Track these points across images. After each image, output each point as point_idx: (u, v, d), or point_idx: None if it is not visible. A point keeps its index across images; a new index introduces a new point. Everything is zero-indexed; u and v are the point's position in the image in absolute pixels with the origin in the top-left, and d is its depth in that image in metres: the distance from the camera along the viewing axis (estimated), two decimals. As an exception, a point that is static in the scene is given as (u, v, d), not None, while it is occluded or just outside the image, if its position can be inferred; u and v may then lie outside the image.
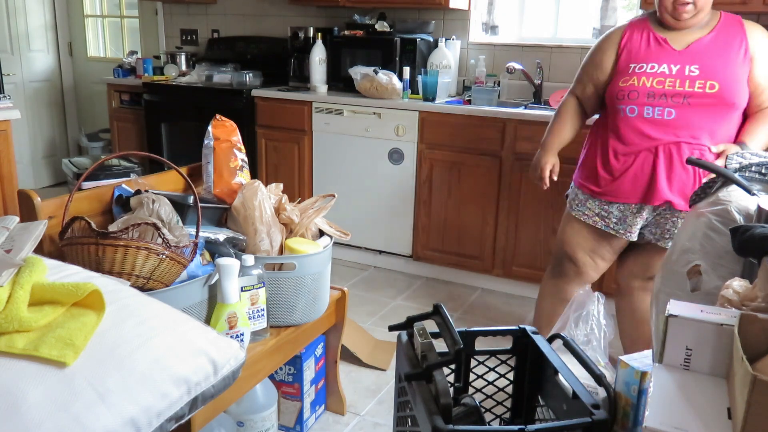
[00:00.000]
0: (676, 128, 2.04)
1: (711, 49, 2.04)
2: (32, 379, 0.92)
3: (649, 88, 2.05)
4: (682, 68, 2.03)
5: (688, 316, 1.04)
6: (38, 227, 1.28)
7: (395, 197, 3.46)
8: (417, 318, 1.41)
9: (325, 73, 3.74)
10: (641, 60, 2.09)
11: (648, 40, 2.11)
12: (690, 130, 2.04)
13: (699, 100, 2.02)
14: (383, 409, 2.28)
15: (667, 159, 2.07)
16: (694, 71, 2.02)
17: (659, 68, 2.05)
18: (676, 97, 2.03)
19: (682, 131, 2.04)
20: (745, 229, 1.24)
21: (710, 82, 2.01)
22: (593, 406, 1.16)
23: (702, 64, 2.02)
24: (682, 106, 2.03)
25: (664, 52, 2.07)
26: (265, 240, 1.83)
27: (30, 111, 5.11)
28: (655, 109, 2.05)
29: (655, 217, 2.17)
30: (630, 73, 2.08)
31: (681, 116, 2.03)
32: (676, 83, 2.03)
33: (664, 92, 2.04)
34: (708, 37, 2.06)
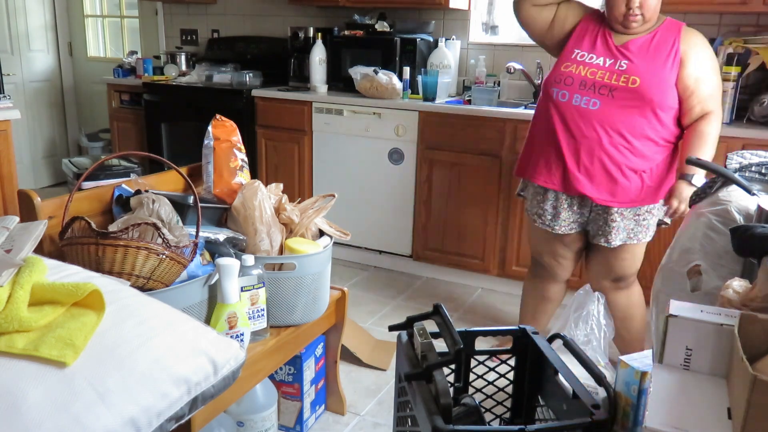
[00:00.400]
0: (599, 119, 2.10)
1: (644, 47, 2.10)
2: (32, 379, 0.92)
3: (582, 77, 2.12)
4: (614, 62, 2.11)
5: (688, 316, 1.04)
6: (38, 227, 1.28)
7: (395, 197, 3.46)
8: (417, 318, 1.41)
9: (325, 73, 3.74)
10: (582, 48, 2.16)
11: (596, 33, 2.17)
12: (610, 122, 2.09)
13: (622, 94, 2.07)
14: (383, 409, 2.28)
15: (587, 153, 2.12)
16: (623, 66, 2.09)
17: (596, 59, 2.13)
18: (603, 88, 2.09)
19: (603, 123, 2.09)
20: (745, 229, 1.24)
21: (633, 77, 2.06)
22: (593, 406, 1.16)
23: (632, 61, 2.09)
24: (606, 98, 2.08)
25: (604, 46, 2.14)
26: (265, 240, 1.83)
27: (30, 111, 5.11)
28: (582, 98, 2.11)
29: (592, 215, 2.24)
30: (571, 60, 2.15)
31: (604, 108, 2.09)
32: (605, 76, 2.09)
33: (594, 82, 2.10)
34: (645, 37, 2.12)
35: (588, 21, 2.21)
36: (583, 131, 2.12)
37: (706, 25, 3.11)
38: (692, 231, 1.65)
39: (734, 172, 1.71)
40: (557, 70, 2.18)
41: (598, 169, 2.13)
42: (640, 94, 2.06)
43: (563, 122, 2.15)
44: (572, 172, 2.15)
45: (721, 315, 1.04)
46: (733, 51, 2.79)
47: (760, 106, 2.81)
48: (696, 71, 2.08)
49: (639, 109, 2.08)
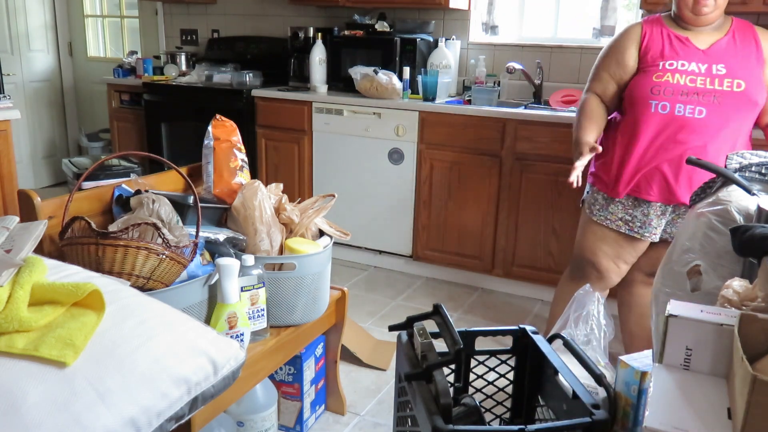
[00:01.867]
0: (704, 127, 2.05)
1: (731, 50, 2.08)
2: (32, 379, 0.92)
3: (682, 86, 2.06)
4: (709, 67, 2.06)
5: (688, 316, 1.04)
6: (38, 227, 1.28)
7: (395, 197, 3.46)
8: (417, 318, 1.41)
9: (325, 73, 3.74)
10: (669, 57, 2.09)
11: (670, 38, 2.12)
12: (717, 129, 2.06)
13: (727, 99, 2.04)
14: (383, 409, 2.28)
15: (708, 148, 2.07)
16: (721, 70, 2.05)
17: (689, 66, 2.07)
18: (707, 95, 2.05)
19: (710, 130, 2.06)
20: (745, 229, 1.24)
21: (737, 81, 2.04)
22: (593, 406, 1.16)
23: (727, 64, 2.06)
24: (712, 105, 2.05)
25: (689, 51, 2.09)
26: (265, 240, 1.83)
27: (30, 111, 5.11)
28: (686, 107, 2.06)
29: (674, 217, 2.20)
30: (662, 69, 2.08)
31: (711, 115, 2.05)
32: (706, 81, 2.05)
33: (696, 90, 2.05)
34: (725, 39, 2.10)
35: (648, 35, 2.14)
36: (687, 141, 2.07)
37: (706, 25, 3.11)
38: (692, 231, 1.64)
39: (734, 172, 1.71)
40: (647, 80, 2.09)
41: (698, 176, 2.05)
42: (746, 97, 2.05)
43: (662, 134, 2.09)
44: (671, 184, 2.12)
45: (721, 315, 1.04)
46: (733, 51, 2.78)
47: (760, 106, 2.80)
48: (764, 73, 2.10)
49: (743, 111, 2.08)
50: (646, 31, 2.16)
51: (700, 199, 1.75)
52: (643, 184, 2.15)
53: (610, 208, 2.23)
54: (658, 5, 2.94)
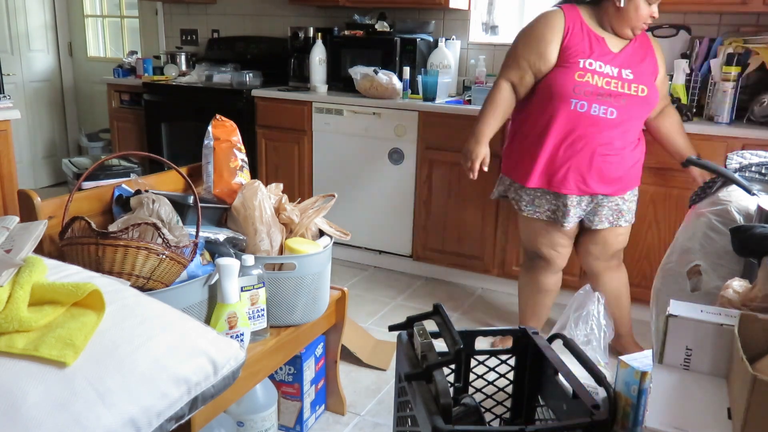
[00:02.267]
0: (613, 126, 2.21)
1: (636, 57, 2.24)
2: (32, 379, 0.92)
3: (599, 87, 2.17)
4: (620, 71, 2.19)
5: (688, 316, 1.04)
6: (38, 227, 1.28)
7: (395, 197, 3.46)
8: (417, 318, 1.41)
9: (325, 73, 3.74)
10: (589, 56, 2.18)
11: (590, 37, 2.20)
12: (623, 129, 2.23)
13: (634, 102, 2.20)
14: (383, 409, 2.28)
15: (600, 157, 2.23)
16: (629, 75, 2.20)
17: (605, 68, 2.18)
18: (618, 98, 2.18)
19: (617, 129, 2.22)
20: (745, 229, 1.24)
21: (641, 87, 2.21)
22: (593, 406, 1.16)
23: (633, 69, 2.21)
24: (621, 106, 2.19)
25: (604, 53, 2.20)
26: (265, 240, 1.83)
27: (30, 111, 5.11)
28: (601, 107, 2.18)
29: (593, 206, 2.35)
30: (583, 68, 2.16)
31: (619, 115, 2.19)
32: (618, 85, 2.18)
33: (610, 92, 2.17)
34: (631, 46, 2.25)
35: (570, 30, 2.21)
36: (598, 139, 2.21)
37: (706, 25, 3.11)
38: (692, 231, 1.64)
39: (734, 172, 1.71)
40: (570, 78, 2.17)
41: (609, 169, 2.26)
42: (647, 101, 2.23)
43: (576, 131, 2.21)
44: (585, 177, 2.26)
45: (721, 315, 1.04)
46: (733, 51, 2.78)
47: (760, 106, 2.81)
48: (662, 74, 2.33)
49: (642, 113, 2.27)
50: (569, 23, 2.21)
51: (700, 199, 1.75)
52: (559, 179, 2.27)
53: (536, 202, 2.37)
54: (659, 5, 2.94)
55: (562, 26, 2.20)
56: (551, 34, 2.21)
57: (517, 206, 2.43)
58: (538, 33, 2.24)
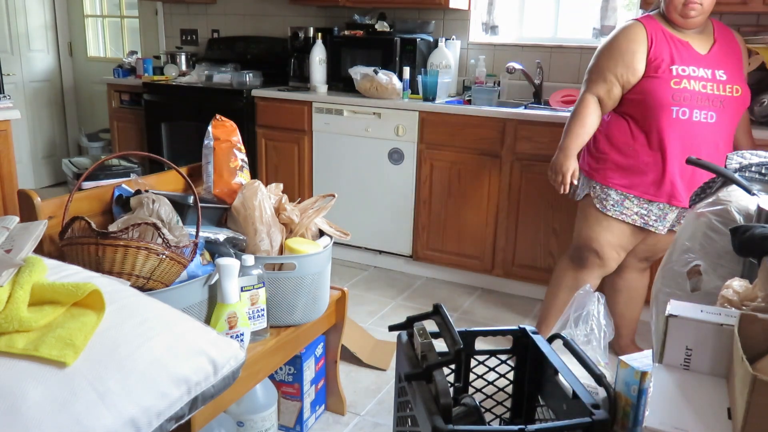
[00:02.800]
0: (715, 131, 2.16)
1: (725, 55, 2.20)
2: (32, 379, 0.92)
3: (697, 92, 2.13)
4: (713, 73, 2.16)
5: (688, 316, 1.04)
6: (38, 227, 1.28)
7: (395, 197, 3.46)
8: (417, 318, 1.41)
9: (325, 73, 3.74)
10: (680, 62, 2.15)
11: (674, 42, 2.17)
12: (723, 132, 2.18)
13: (731, 103, 2.16)
14: (383, 409, 2.28)
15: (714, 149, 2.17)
16: (723, 76, 2.16)
17: (698, 71, 2.15)
18: (716, 100, 2.14)
19: (718, 134, 2.17)
20: (745, 229, 1.24)
21: (736, 87, 2.16)
22: (593, 406, 1.16)
23: (726, 70, 2.17)
24: (720, 109, 2.15)
25: (694, 56, 2.17)
26: (265, 240, 1.83)
27: (30, 111, 5.11)
28: (701, 112, 2.14)
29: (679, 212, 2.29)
30: (677, 75, 2.13)
31: (719, 119, 2.16)
32: (715, 87, 2.14)
33: (707, 96, 2.13)
34: (717, 45, 2.21)
35: (653, 38, 2.17)
36: (702, 145, 2.16)
37: (706, 25, 3.11)
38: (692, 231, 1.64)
39: (734, 172, 1.71)
40: (667, 87, 2.14)
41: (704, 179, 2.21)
42: (743, 101, 2.20)
43: (684, 139, 2.17)
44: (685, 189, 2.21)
45: (721, 315, 1.04)
46: (733, 51, 2.78)
47: (760, 106, 2.81)
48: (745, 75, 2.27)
49: (739, 114, 2.24)
50: (651, 33, 2.18)
51: (700, 199, 1.75)
52: (653, 187, 2.24)
53: (625, 203, 2.30)
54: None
55: (645, 37, 2.18)
56: (636, 44, 2.19)
57: (600, 204, 2.33)
58: (622, 45, 2.21)
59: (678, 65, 2.15)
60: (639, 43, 2.18)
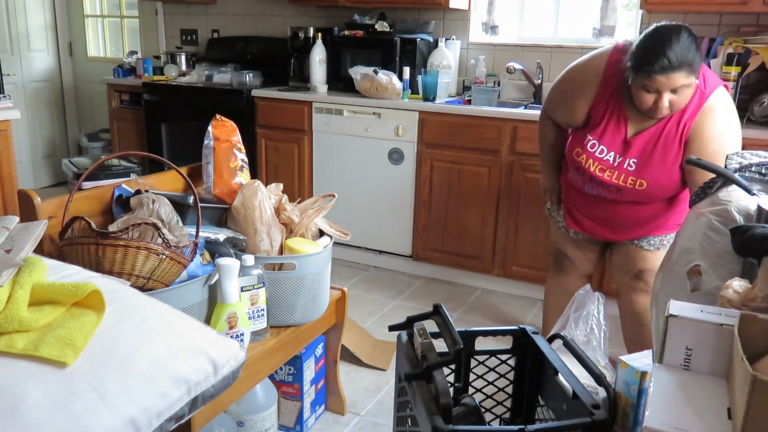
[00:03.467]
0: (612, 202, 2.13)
1: (654, 138, 1.98)
2: (32, 379, 0.92)
3: (591, 172, 2.07)
4: (623, 160, 2.03)
5: (688, 316, 1.04)
6: (38, 227, 1.28)
7: (395, 197, 3.46)
8: (417, 318, 1.41)
9: (325, 73, 3.74)
10: (597, 137, 2.04)
11: (612, 112, 2.01)
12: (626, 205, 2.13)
13: (630, 193, 2.06)
14: (383, 409, 2.28)
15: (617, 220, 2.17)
16: (631, 166, 2.02)
17: (606, 154, 2.04)
18: (611, 187, 2.07)
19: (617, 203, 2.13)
20: (745, 229, 1.24)
21: (640, 180, 2.02)
22: (593, 406, 1.16)
23: (640, 158, 2.00)
24: (616, 194, 2.09)
25: (617, 136, 2.02)
26: (265, 240, 1.83)
27: (30, 111, 5.11)
28: (594, 189, 2.13)
29: None
30: (584, 146, 2.06)
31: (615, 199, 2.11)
32: (613, 176, 2.04)
33: (602, 180, 2.06)
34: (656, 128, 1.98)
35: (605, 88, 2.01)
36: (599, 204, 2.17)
37: (706, 25, 3.11)
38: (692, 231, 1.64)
39: (734, 172, 1.71)
40: (572, 150, 2.13)
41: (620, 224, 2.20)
42: (647, 195, 2.06)
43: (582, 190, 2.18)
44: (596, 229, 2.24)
45: (721, 315, 1.04)
46: (733, 51, 2.79)
47: (760, 106, 2.81)
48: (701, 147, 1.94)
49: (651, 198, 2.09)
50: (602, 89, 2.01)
51: (700, 199, 1.75)
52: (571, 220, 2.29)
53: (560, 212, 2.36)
54: (659, 5, 2.94)
55: (596, 86, 2.02)
56: (582, 91, 2.06)
57: (547, 211, 2.44)
58: (573, 87, 2.11)
59: (593, 139, 2.04)
60: (586, 93, 2.05)
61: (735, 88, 2.78)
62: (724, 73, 2.78)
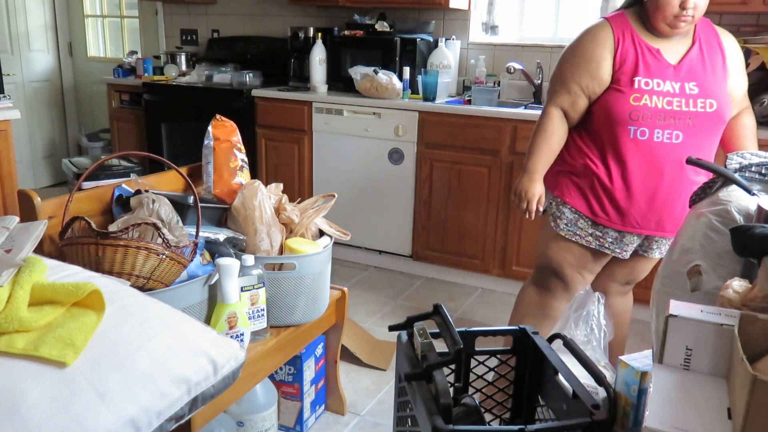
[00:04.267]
0: (681, 152, 1.91)
1: (701, 63, 1.94)
2: (32, 379, 0.92)
3: (660, 109, 1.89)
4: (682, 86, 1.91)
5: (688, 316, 1.04)
6: (38, 227, 1.28)
7: (395, 197, 3.46)
8: (417, 318, 1.41)
9: (325, 73, 3.74)
10: (644, 74, 1.91)
11: (642, 50, 1.93)
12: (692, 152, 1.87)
13: (702, 120, 1.91)
14: (383, 409, 2.28)
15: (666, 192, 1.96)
16: (694, 89, 1.91)
17: (664, 85, 1.90)
18: (683, 118, 1.90)
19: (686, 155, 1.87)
20: (745, 229, 1.24)
21: (710, 101, 1.91)
22: (593, 406, 1.16)
23: (699, 81, 1.92)
24: (688, 128, 1.91)
25: (662, 67, 1.92)
26: (265, 240, 1.83)
27: (30, 111, 5.11)
28: (664, 132, 1.91)
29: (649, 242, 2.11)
30: (638, 89, 1.90)
31: (686, 138, 1.92)
32: (682, 103, 1.90)
33: (673, 113, 1.90)
34: (694, 50, 1.94)
35: (620, 45, 1.93)
36: (665, 169, 1.93)
37: (706, 25, 3.11)
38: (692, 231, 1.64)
39: (734, 172, 1.71)
40: (626, 103, 1.91)
41: (672, 205, 1.98)
42: (718, 117, 1.92)
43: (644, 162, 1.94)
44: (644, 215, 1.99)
45: (721, 315, 1.04)
46: (733, 51, 2.78)
47: (760, 106, 2.81)
48: (737, 78, 2.00)
49: (716, 131, 1.95)
50: (618, 37, 1.94)
51: (700, 199, 1.75)
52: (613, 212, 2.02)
53: (579, 224, 2.07)
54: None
55: (612, 41, 1.93)
56: (601, 50, 1.94)
57: (554, 222, 2.11)
58: (586, 51, 1.97)
59: (641, 77, 1.90)
60: (605, 47, 1.94)
61: (735, 88, 2.77)
62: (724, 73, 2.78)
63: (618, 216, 2.02)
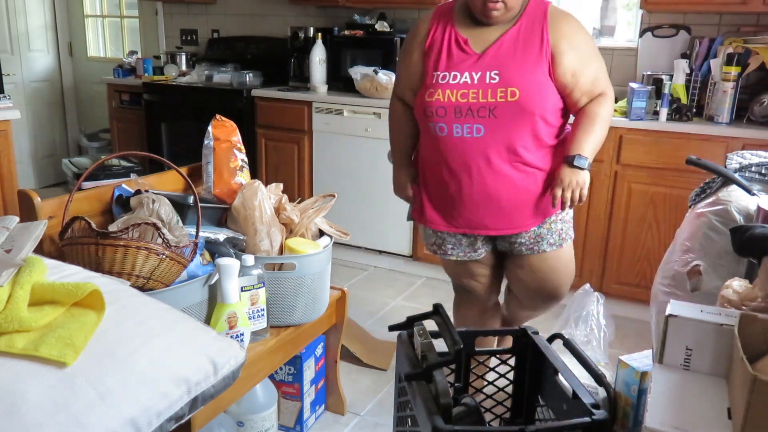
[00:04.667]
0: (485, 146, 1.80)
1: (511, 49, 1.79)
2: (32, 379, 0.92)
3: (455, 103, 1.78)
4: (483, 75, 1.78)
5: (688, 316, 1.04)
6: (38, 227, 1.28)
7: (395, 197, 3.45)
8: (417, 318, 1.41)
9: (325, 73, 3.74)
10: (442, 68, 1.82)
11: (449, 42, 1.84)
12: (501, 145, 1.80)
13: (503, 111, 1.76)
14: (383, 409, 2.28)
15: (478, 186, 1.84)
16: (495, 78, 1.76)
17: (461, 78, 1.79)
18: (482, 110, 1.77)
19: (492, 148, 1.80)
20: (745, 229, 1.24)
21: (511, 89, 1.75)
22: (593, 406, 1.16)
23: (502, 69, 1.77)
24: (489, 120, 1.77)
25: (464, 58, 1.81)
26: (265, 240, 1.83)
27: (30, 111, 5.11)
28: (464, 127, 1.79)
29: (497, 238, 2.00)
30: (434, 84, 1.81)
31: (490, 132, 1.79)
32: (479, 94, 1.77)
33: (469, 106, 1.77)
34: (509, 34, 1.79)
35: (432, 36, 1.87)
36: (471, 165, 1.82)
37: (706, 25, 3.11)
38: (692, 231, 1.65)
39: (734, 172, 1.71)
40: (422, 99, 1.83)
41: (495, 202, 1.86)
42: (520, 106, 1.76)
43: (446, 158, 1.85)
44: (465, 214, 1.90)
45: (721, 315, 1.05)
46: (733, 51, 2.79)
47: (760, 106, 2.81)
48: (571, 65, 1.78)
49: (522, 121, 1.78)
50: (431, 29, 1.87)
51: (701, 199, 1.75)
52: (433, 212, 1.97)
53: (424, 233, 2.07)
54: (659, 5, 2.94)
55: (425, 33, 1.88)
56: (413, 43, 1.91)
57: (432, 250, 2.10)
58: (406, 44, 1.95)
59: (439, 71, 1.82)
60: (416, 40, 1.90)
61: (735, 88, 2.78)
62: (724, 73, 2.78)
63: (440, 217, 1.96)
